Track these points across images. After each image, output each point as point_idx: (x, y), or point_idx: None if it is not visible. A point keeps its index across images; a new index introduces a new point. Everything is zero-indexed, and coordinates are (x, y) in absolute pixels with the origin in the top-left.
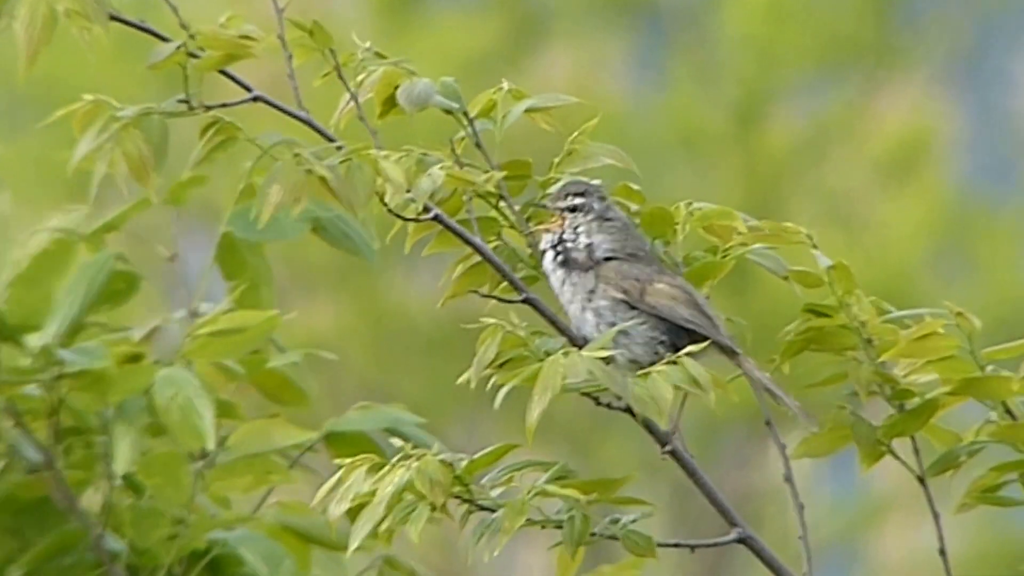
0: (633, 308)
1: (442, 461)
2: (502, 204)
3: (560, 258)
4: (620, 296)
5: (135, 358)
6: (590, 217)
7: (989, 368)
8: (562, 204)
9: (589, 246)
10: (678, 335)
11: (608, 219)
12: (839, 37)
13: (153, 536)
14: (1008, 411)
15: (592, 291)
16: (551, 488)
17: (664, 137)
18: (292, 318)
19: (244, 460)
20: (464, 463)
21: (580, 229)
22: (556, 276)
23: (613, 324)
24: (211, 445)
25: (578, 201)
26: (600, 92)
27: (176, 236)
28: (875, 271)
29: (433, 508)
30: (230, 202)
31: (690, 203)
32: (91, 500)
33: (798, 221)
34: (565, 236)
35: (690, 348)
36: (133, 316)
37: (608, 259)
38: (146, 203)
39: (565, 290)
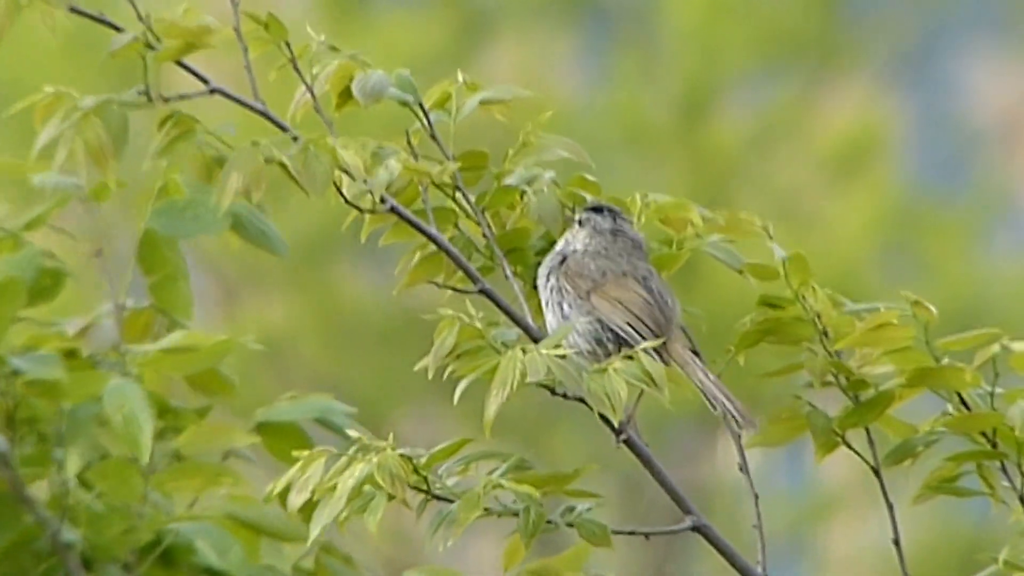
0: (582, 300)
1: (402, 455)
2: (458, 194)
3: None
4: (569, 288)
5: (71, 353)
6: (587, 229)
7: (944, 360)
8: (579, 215)
9: (575, 250)
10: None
11: (599, 231)
12: (784, 33)
13: (108, 533)
14: (963, 402)
15: (557, 280)
16: (506, 482)
17: (611, 133)
18: (242, 312)
19: (193, 463)
20: (424, 458)
21: (577, 236)
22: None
23: (560, 307)
24: (145, 459)
25: (583, 216)
26: (546, 89)
27: (102, 232)
28: (823, 268)
29: (391, 497)
30: (148, 199)
31: (646, 194)
32: (40, 491)
33: None
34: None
35: (646, 344)
36: (63, 311)
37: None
38: (67, 199)
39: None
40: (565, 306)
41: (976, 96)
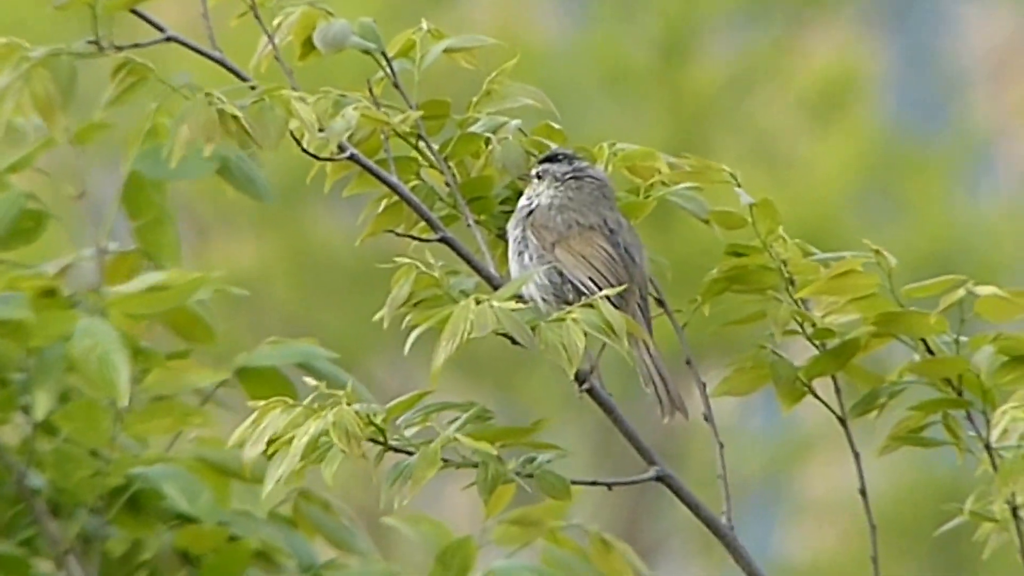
0: (545, 252)
1: (358, 412)
2: (421, 144)
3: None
4: (534, 239)
5: (50, 292)
6: (547, 180)
7: (911, 307)
8: (535, 169)
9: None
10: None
11: (560, 179)
12: None
13: (75, 477)
14: (928, 348)
15: (523, 231)
16: (463, 438)
17: (590, 75)
18: (214, 254)
19: (162, 404)
20: (381, 415)
21: (539, 191)
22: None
23: (522, 258)
24: (124, 401)
25: (539, 169)
26: (524, 30)
27: (85, 175)
28: (801, 210)
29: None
30: (135, 141)
31: (613, 143)
32: (6, 436)
33: (723, 159)
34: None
35: (607, 291)
36: (44, 254)
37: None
38: (51, 142)
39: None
40: (527, 257)
41: (964, 35)
